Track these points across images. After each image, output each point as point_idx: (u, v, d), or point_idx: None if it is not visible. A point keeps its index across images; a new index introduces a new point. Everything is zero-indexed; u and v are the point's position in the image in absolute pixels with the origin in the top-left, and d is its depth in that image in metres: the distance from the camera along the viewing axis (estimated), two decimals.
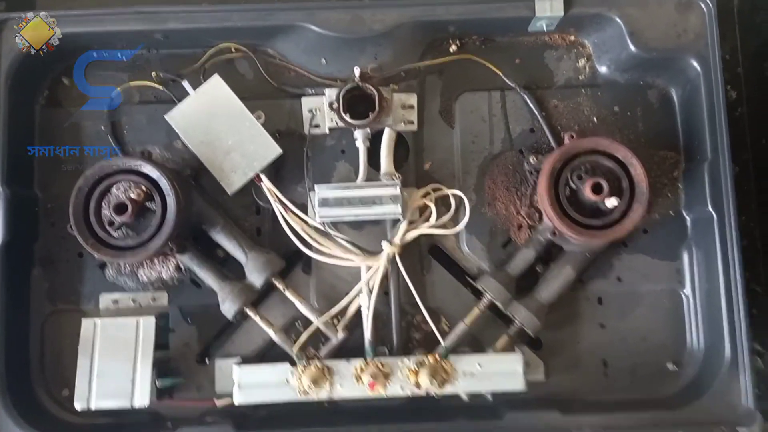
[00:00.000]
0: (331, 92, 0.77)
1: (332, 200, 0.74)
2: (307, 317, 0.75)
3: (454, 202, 0.78)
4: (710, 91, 0.75)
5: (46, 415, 0.75)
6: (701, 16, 0.76)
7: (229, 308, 0.74)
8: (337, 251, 0.75)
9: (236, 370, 0.71)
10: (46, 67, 0.80)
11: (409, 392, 0.71)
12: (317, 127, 0.79)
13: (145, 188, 0.72)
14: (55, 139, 0.81)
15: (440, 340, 0.74)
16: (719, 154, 0.73)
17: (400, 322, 0.76)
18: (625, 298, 0.78)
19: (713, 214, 0.74)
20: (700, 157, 0.77)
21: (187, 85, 0.78)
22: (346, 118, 0.75)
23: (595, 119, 0.80)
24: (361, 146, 0.77)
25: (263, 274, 0.74)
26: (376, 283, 0.74)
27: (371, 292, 0.74)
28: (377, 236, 0.76)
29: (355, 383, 0.70)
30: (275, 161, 0.77)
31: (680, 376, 0.77)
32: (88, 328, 0.73)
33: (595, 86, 0.81)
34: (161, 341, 0.76)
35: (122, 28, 0.77)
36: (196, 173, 0.79)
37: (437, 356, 0.71)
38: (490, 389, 0.71)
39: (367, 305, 0.74)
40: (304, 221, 0.76)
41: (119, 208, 0.71)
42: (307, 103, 0.80)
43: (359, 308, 0.75)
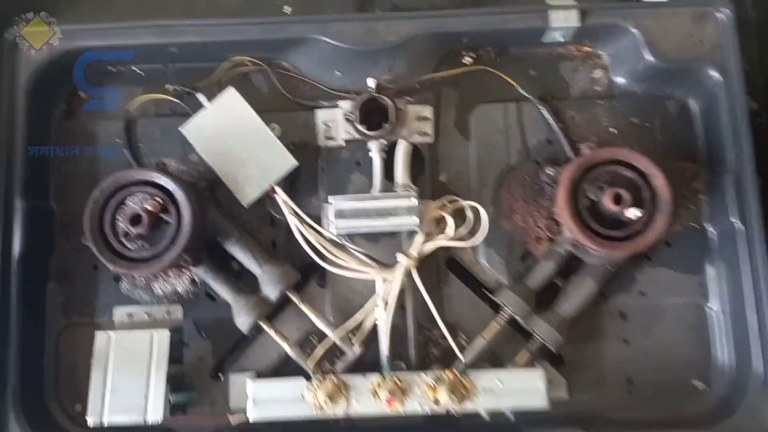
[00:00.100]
0: (345, 104, 0.77)
1: (348, 211, 0.73)
2: (322, 331, 0.74)
3: (471, 214, 0.77)
4: (732, 100, 0.74)
5: (58, 430, 0.74)
6: (718, 26, 0.75)
7: (243, 321, 0.73)
8: (352, 264, 0.74)
9: (250, 384, 0.70)
10: (63, 79, 0.81)
11: (427, 409, 0.69)
12: (332, 139, 0.79)
13: (160, 200, 0.72)
14: (71, 151, 0.81)
15: (459, 355, 0.72)
16: (743, 164, 0.72)
17: (417, 337, 0.74)
18: (648, 312, 0.76)
19: (739, 225, 0.72)
20: (722, 167, 0.75)
21: (202, 97, 0.79)
22: (361, 129, 0.74)
23: (612, 130, 0.79)
24: (376, 158, 0.76)
25: (278, 286, 0.73)
26: (392, 296, 0.73)
27: (387, 305, 0.73)
28: (393, 249, 0.75)
29: (371, 399, 0.69)
30: (290, 174, 0.77)
31: (708, 393, 0.74)
32: (102, 341, 0.72)
33: (612, 97, 0.80)
34: (175, 355, 0.74)
35: (138, 41, 0.78)
36: (211, 185, 0.78)
37: (456, 372, 0.70)
38: (511, 406, 0.69)
39: (383, 319, 0.73)
40: (319, 233, 0.75)
41: (134, 219, 0.71)
42: (321, 115, 0.79)
43: (375, 323, 0.74)
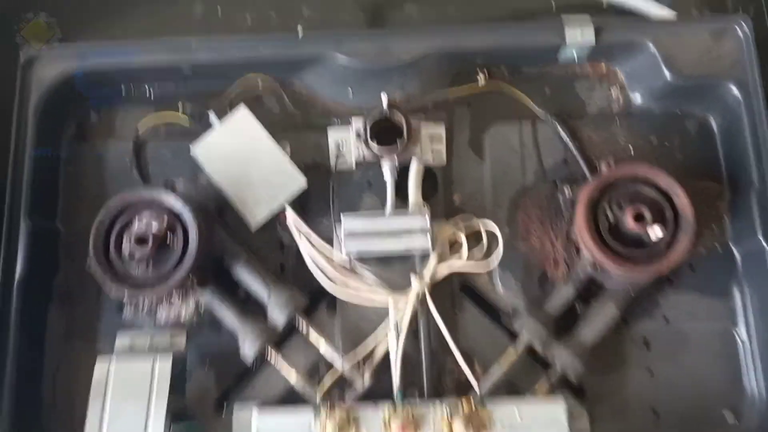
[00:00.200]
0: (357, 121, 0.75)
1: (359, 232, 0.71)
2: (331, 360, 0.71)
3: (485, 235, 0.74)
4: (753, 116, 0.71)
5: None
6: (737, 41, 0.73)
7: (248, 349, 0.70)
8: (363, 288, 0.72)
9: (255, 415, 0.66)
10: (74, 100, 0.80)
11: None
12: (343, 159, 0.77)
13: (167, 220, 0.70)
14: (80, 172, 0.80)
15: (474, 384, 0.68)
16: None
17: (431, 366, 0.71)
18: (673, 339, 0.72)
19: (765, 245, 0.69)
20: (746, 186, 0.72)
21: (213, 117, 0.77)
22: (373, 147, 0.73)
23: (631, 149, 0.77)
24: (388, 178, 0.74)
25: (285, 310, 0.70)
26: (404, 322, 0.70)
27: (400, 332, 0.70)
28: (405, 273, 0.72)
29: (383, 431, 0.65)
30: (300, 196, 0.75)
31: (738, 426, 0.70)
32: (102, 368, 0.69)
33: (629, 116, 0.78)
34: (177, 386, 0.71)
35: (151, 60, 0.77)
36: (220, 208, 0.77)
37: (472, 402, 0.66)
38: None
39: (395, 346, 0.70)
40: (329, 257, 0.73)
41: (140, 240, 0.69)
42: (333, 135, 0.78)
43: (386, 350, 0.71)
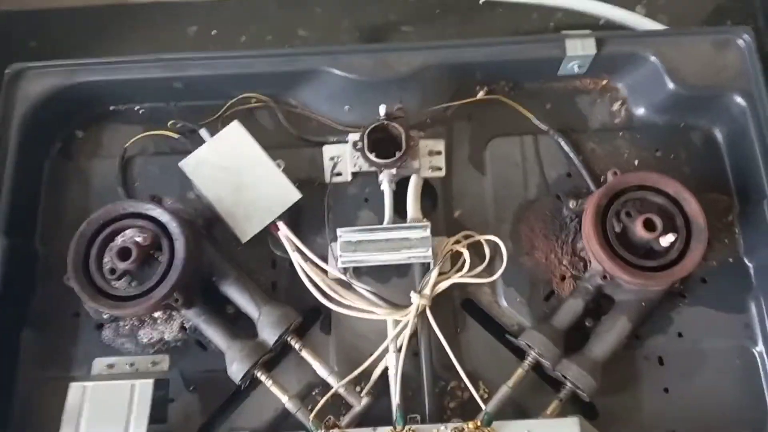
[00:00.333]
0: (355, 135, 0.73)
1: (356, 244, 0.67)
2: (325, 383, 0.66)
3: (488, 250, 0.71)
4: (760, 126, 0.70)
5: None
6: (740, 52, 0.73)
7: (237, 370, 0.65)
8: (360, 304, 0.68)
9: None
10: (60, 117, 0.78)
11: None
12: (339, 174, 0.75)
13: (152, 234, 0.66)
14: (63, 191, 0.76)
15: (481, 405, 0.64)
16: None
17: (433, 388, 0.66)
18: (689, 356, 0.68)
19: None
20: (756, 197, 0.70)
21: (204, 133, 0.75)
22: (371, 157, 0.70)
23: (636, 162, 0.75)
24: (386, 189, 0.71)
25: (277, 329, 0.66)
26: (404, 339, 0.66)
27: (399, 351, 0.66)
28: (404, 289, 0.69)
29: None
30: (294, 213, 0.72)
31: None
32: (76, 393, 0.63)
33: (633, 129, 0.76)
34: (158, 414, 0.66)
35: (142, 75, 0.75)
36: (208, 224, 0.73)
37: (479, 423, 0.61)
38: None
39: (394, 365, 0.65)
40: (324, 272, 0.69)
41: (123, 253, 0.65)
42: (328, 150, 0.75)
43: (385, 371, 0.66)
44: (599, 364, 0.64)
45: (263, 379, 0.65)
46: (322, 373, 0.66)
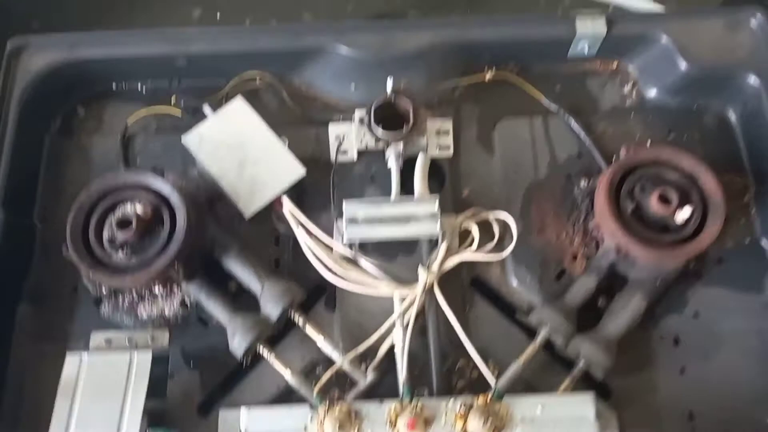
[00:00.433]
0: (361, 111, 0.72)
1: (362, 218, 0.66)
2: (330, 360, 0.64)
3: (498, 228, 0.69)
4: None
5: None
6: (753, 32, 0.72)
7: (239, 344, 0.63)
8: (366, 279, 0.66)
9: (244, 414, 0.59)
10: (62, 93, 0.76)
11: None
12: (345, 153, 0.73)
13: (153, 205, 0.65)
14: (62, 168, 0.75)
15: (490, 380, 0.61)
16: None
17: (440, 366, 0.64)
18: (705, 337, 0.66)
19: None
20: None
21: (207, 109, 0.74)
22: (377, 131, 0.69)
23: (648, 144, 0.73)
24: (393, 165, 0.70)
25: (280, 303, 0.64)
26: (411, 316, 0.64)
27: (406, 326, 0.64)
28: (412, 266, 0.67)
29: (388, 430, 0.57)
30: (299, 191, 0.71)
31: None
32: (72, 364, 0.61)
33: (644, 111, 0.75)
34: (157, 387, 0.64)
35: (144, 50, 0.74)
36: (211, 200, 0.71)
37: (489, 397, 0.59)
38: None
39: (401, 341, 0.63)
40: (329, 248, 0.67)
41: (122, 223, 0.63)
42: (334, 129, 0.74)
43: (391, 348, 0.64)
44: (613, 341, 0.62)
45: (265, 353, 0.63)
46: (326, 349, 0.64)
